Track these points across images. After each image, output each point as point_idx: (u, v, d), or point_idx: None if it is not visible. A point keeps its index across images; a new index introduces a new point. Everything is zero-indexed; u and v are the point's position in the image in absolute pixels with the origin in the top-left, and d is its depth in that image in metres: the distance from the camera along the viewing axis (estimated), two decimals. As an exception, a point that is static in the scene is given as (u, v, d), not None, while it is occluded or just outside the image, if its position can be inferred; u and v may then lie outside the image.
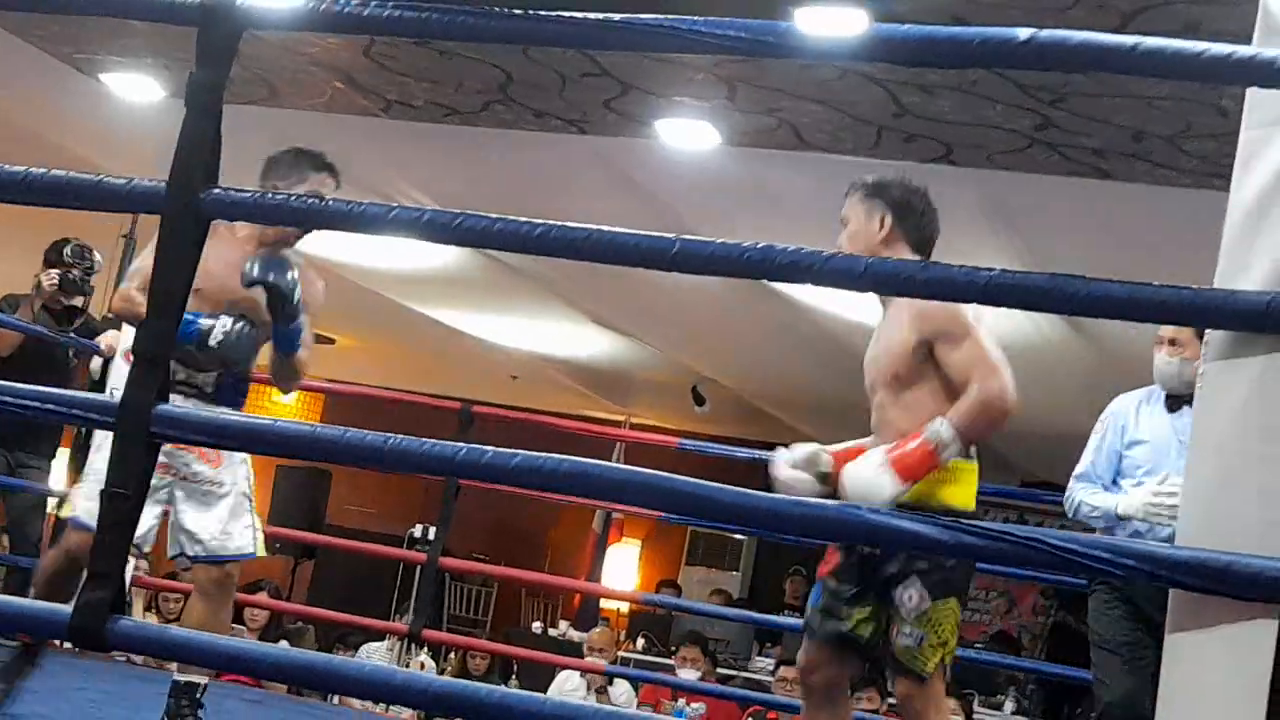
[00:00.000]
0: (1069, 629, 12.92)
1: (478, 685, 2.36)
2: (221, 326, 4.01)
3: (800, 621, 4.06)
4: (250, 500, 4.38)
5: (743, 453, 7.35)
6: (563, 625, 11.92)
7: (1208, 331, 2.14)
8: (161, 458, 4.19)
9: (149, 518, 4.23)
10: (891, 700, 8.71)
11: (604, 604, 12.66)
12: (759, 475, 13.15)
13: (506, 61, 6.20)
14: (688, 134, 6.74)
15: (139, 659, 6.87)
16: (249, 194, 2.54)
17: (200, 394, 4.26)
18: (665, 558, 14.81)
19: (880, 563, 3.65)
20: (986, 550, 2.15)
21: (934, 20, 5.00)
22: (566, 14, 2.43)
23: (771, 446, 3.98)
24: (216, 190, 2.52)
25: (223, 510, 4.32)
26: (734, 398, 12.42)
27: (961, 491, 3.61)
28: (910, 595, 3.64)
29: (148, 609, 9.63)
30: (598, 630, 10.06)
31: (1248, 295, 2.05)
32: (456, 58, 6.23)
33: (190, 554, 4.33)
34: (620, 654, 10.29)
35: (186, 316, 2.74)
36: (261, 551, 4.46)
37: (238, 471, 4.34)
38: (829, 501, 2.24)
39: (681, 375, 12.04)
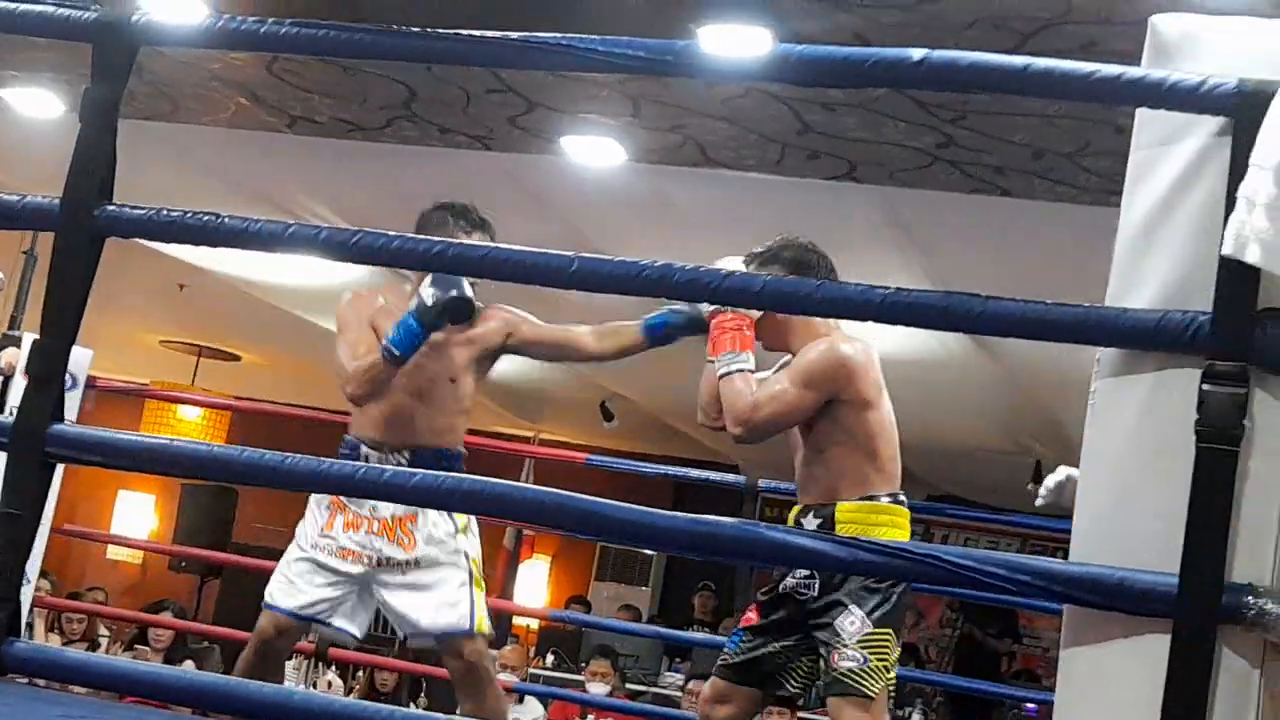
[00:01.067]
0: (975, 641, 13.04)
1: (377, 706, 2.35)
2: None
3: (708, 636, 4.18)
4: (469, 579, 4.32)
5: (649, 468, 7.37)
6: (471, 642, 11.86)
7: (1099, 350, 2.17)
8: (352, 545, 4.24)
9: (354, 613, 4.39)
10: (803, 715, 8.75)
11: (514, 620, 12.63)
12: (667, 490, 13.17)
13: (410, 78, 6.18)
14: (593, 151, 6.74)
15: (41, 681, 6.77)
16: (143, 211, 2.52)
17: None
18: (575, 574, 14.80)
19: (811, 601, 3.78)
20: (885, 567, 2.17)
21: (837, 38, 5.03)
22: (465, 33, 2.42)
23: (681, 462, 4.06)
24: (111, 207, 2.51)
25: (429, 591, 4.31)
26: (643, 414, 12.43)
27: (899, 534, 3.77)
28: (851, 620, 3.75)
29: (50, 629, 9.51)
30: (509, 648, 10.04)
31: (1138, 314, 2.08)
32: (360, 74, 6.20)
33: (402, 634, 4.42)
34: (530, 670, 10.27)
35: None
36: (483, 629, 4.36)
37: (445, 548, 4.31)
38: (728, 520, 2.24)
39: (590, 392, 12.03)
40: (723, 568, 12.59)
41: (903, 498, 3.85)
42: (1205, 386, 2.01)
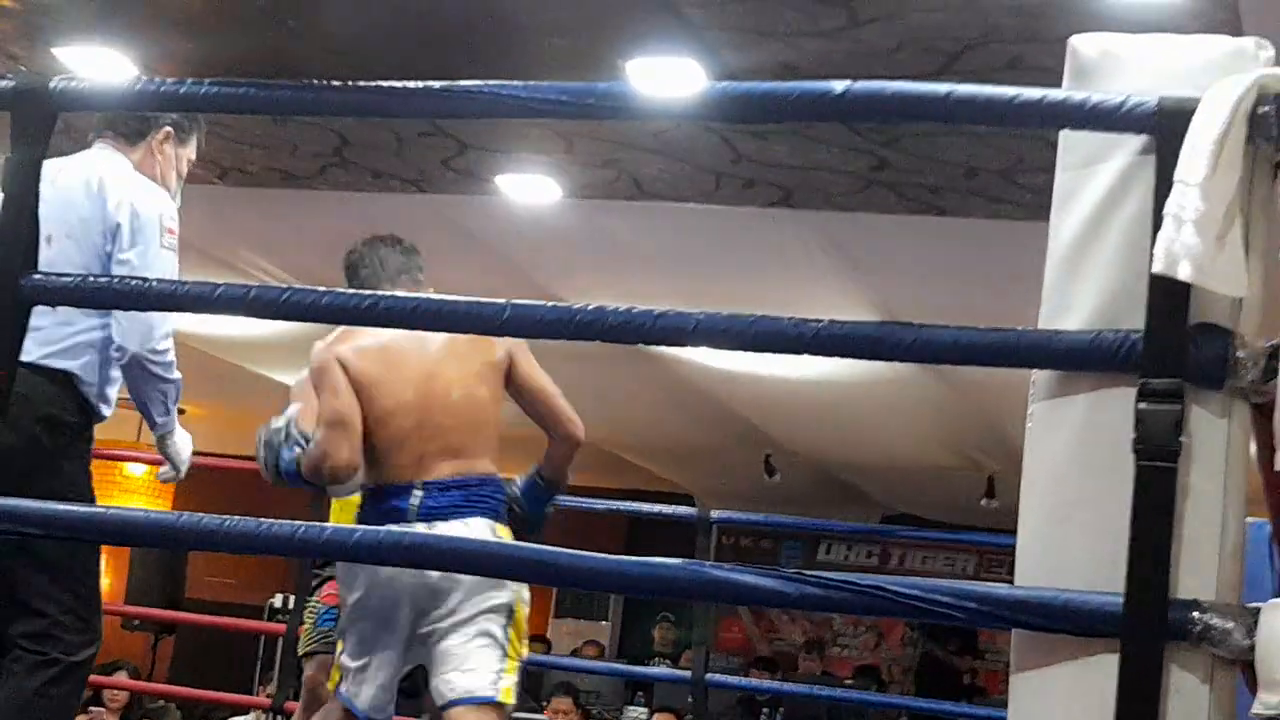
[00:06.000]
0: (936, 659, 13.08)
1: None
2: None
3: (669, 671, 4.20)
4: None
5: (600, 504, 7.36)
6: (433, 686, 11.80)
7: (1033, 372, 2.16)
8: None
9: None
10: None
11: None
12: (622, 523, 13.15)
13: (341, 125, 6.17)
14: (528, 189, 6.74)
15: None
16: (70, 278, 2.50)
17: None
18: (533, 611, 14.61)
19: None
20: (830, 600, 2.16)
21: (766, 70, 5.05)
22: (388, 84, 2.41)
23: (635, 494, 4.09)
24: (37, 275, 2.48)
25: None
26: (594, 448, 12.41)
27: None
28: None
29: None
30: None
31: (1071, 335, 2.08)
32: (290, 122, 6.19)
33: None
34: (492, 712, 10.21)
35: None
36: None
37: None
38: (673, 561, 2.23)
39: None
40: (681, 600, 12.58)
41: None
42: (1141, 405, 2.01)
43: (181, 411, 4.46)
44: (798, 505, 11.26)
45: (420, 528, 3.86)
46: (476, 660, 3.92)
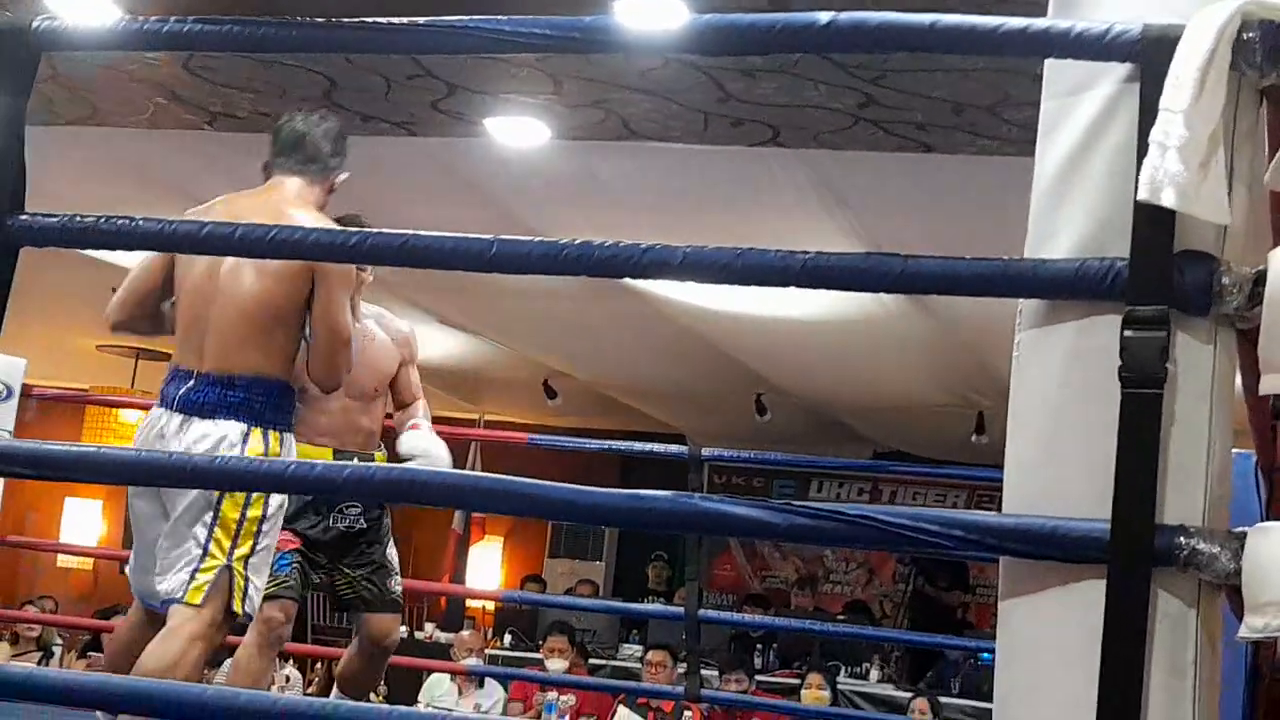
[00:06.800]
0: (926, 595, 13.14)
1: (322, 702, 2.34)
2: None
3: (663, 607, 4.25)
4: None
5: (593, 444, 7.40)
6: (429, 627, 11.88)
7: (1021, 301, 2.17)
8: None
9: None
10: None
11: (470, 602, 12.63)
12: (615, 464, 13.20)
13: (329, 68, 6.15)
14: (517, 131, 6.72)
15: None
16: (57, 218, 2.49)
17: None
18: (528, 552, 14.80)
19: (359, 533, 5.03)
20: (818, 530, 2.17)
21: (755, 5, 5.03)
22: (371, 20, 2.41)
23: (628, 434, 4.08)
24: (24, 216, 2.48)
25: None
26: (586, 389, 12.44)
27: None
28: (393, 552, 5.17)
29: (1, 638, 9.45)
30: (466, 632, 10.05)
31: (1056, 263, 2.08)
32: (278, 65, 6.16)
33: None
34: (489, 651, 10.29)
35: None
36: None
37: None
38: (663, 493, 2.24)
39: (532, 371, 12.03)
40: (674, 538, 12.64)
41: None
42: (1127, 332, 2.01)
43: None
44: (790, 444, 11.29)
45: (176, 419, 3.91)
46: (171, 561, 3.96)
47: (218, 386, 3.92)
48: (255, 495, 3.93)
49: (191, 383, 3.94)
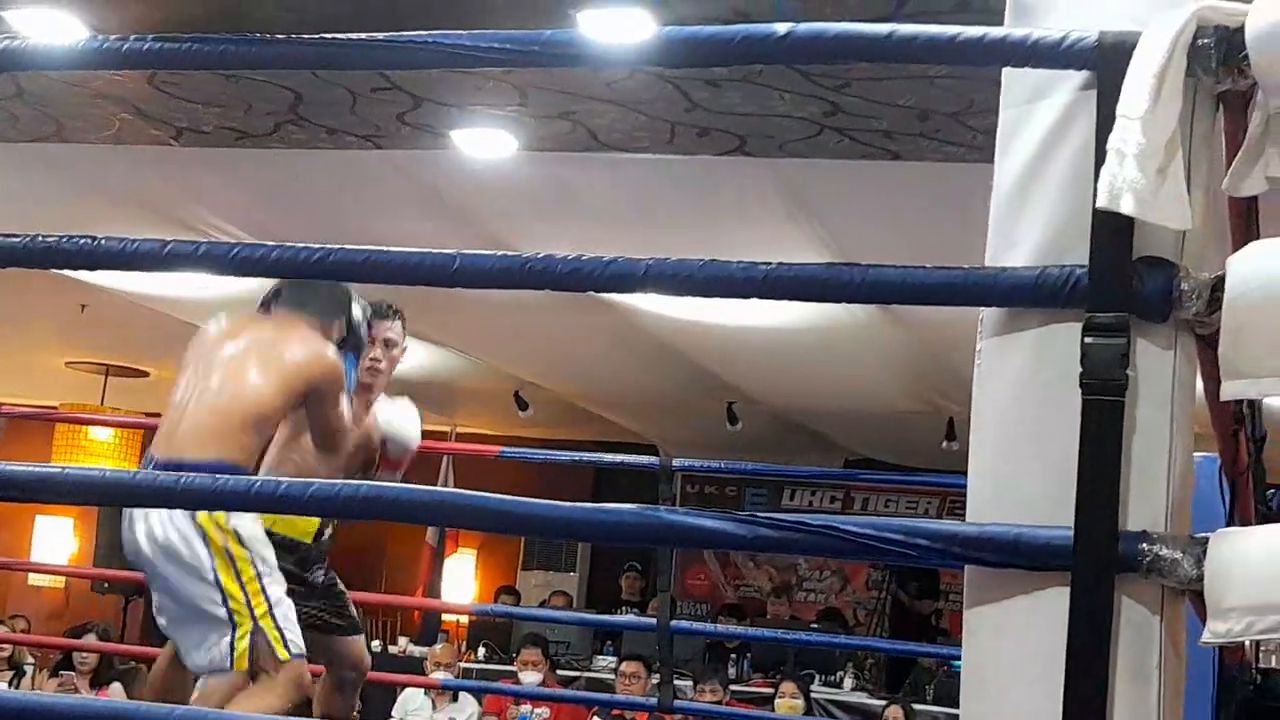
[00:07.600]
0: (901, 605, 13.16)
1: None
2: None
3: (636, 618, 4.24)
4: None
5: (564, 456, 7.39)
6: (402, 641, 11.85)
7: (981, 310, 2.18)
8: None
9: None
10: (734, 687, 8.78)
11: (445, 615, 12.61)
12: (588, 475, 13.16)
13: (295, 82, 6.14)
14: (484, 142, 6.72)
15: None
16: (17, 238, 2.48)
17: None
18: (502, 564, 14.79)
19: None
20: (784, 541, 2.17)
21: (718, 19, 5.04)
22: (331, 36, 2.40)
23: (600, 445, 4.08)
24: (-16, 237, 2.47)
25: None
26: (558, 400, 12.43)
27: None
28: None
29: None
30: (439, 646, 10.04)
31: (1016, 272, 2.09)
32: (243, 80, 6.15)
33: None
34: (463, 665, 10.27)
35: None
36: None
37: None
38: (629, 506, 2.24)
39: (503, 382, 12.01)
40: (647, 549, 12.63)
41: None
42: (1087, 339, 2.02)
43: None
44: (761, 453, 11.30)
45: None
46: (202, 636, 4.18)
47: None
48: (243, 558, 4.08)
49: (150, 467, 4.23)
